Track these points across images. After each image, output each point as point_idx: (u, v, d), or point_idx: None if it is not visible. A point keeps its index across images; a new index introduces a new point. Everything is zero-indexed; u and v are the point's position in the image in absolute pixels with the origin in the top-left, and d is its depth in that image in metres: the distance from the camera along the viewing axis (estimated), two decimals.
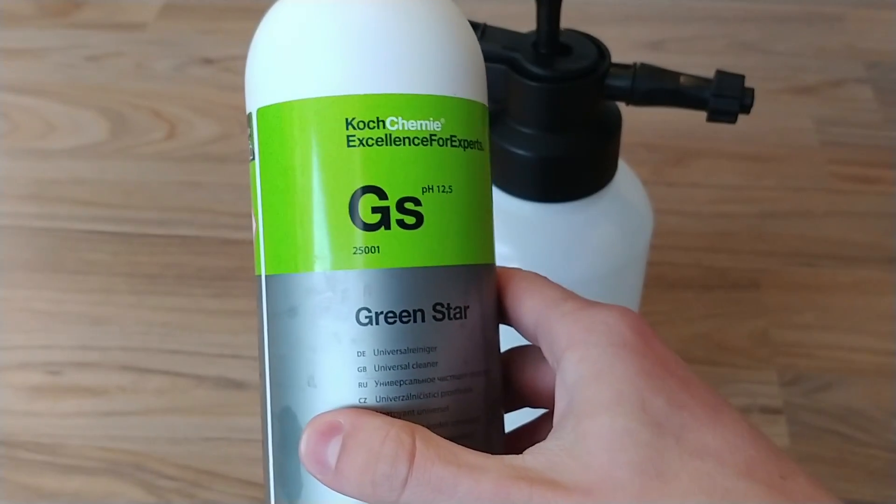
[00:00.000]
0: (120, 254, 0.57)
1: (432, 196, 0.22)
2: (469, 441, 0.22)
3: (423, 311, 0.22)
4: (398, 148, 0.22)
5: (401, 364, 0.22)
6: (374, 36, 0.22)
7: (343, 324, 0.22)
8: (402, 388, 0.22)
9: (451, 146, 0.23)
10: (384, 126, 0.22)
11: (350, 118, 0.22)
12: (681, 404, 0.21)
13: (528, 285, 0.25)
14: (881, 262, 0.55)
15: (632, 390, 0.21)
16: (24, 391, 0.49)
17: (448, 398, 0.22)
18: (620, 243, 0.38)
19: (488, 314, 0.24)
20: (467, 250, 0.23)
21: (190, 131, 0.65)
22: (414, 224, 0.22)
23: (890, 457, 0.45)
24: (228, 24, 0.75)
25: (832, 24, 0.74)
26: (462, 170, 0.23)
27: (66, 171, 0.63)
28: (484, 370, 0.23)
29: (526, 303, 0.24)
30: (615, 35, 0.53)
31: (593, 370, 0.22)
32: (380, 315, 0.22)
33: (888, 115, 0.65)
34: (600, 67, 0.34)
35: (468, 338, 0.23)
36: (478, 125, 0.24)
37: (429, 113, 0.22)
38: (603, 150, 0.36)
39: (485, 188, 0.24)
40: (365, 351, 0.22)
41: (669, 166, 0.62)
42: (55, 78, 0.70)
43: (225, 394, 0.49)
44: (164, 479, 0.45)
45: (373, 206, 0.22)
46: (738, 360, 0.50)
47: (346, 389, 0.22)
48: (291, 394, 0.23)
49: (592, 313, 0.23)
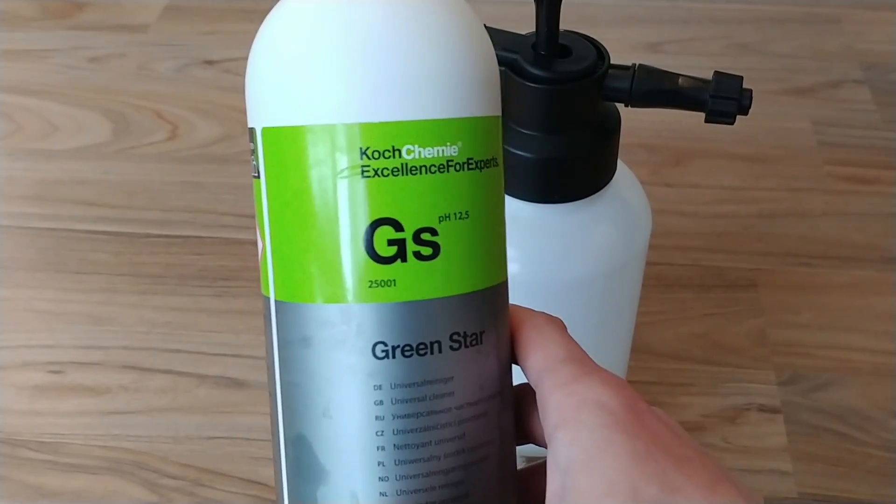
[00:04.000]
0: (122, 254, 0.57)
1: (449, 224, 0.21)
2: (484, 464, 0.22)
3: (440, 342, 0.22)
4: (414, 177, 0.21)
5: (418, 396, 0.21)
6: (391, 58, 0.21)
7: (359, 357, 0.21)
8: (419, 419, 0.21)
9: (468, 169, 0.22)
10: (400, 155, 0.21)
11: (364, 147, 0.21)
12: (675, 488, 0.21)
13: (537, 337, 0.24)
14: (879, 262, 0.55)
15: (623, 479, 0.21)
16: (26, 390, 0.50)
17: (465, 426, 0.22)
18: (619, 243, 0.38)
19: (501, 333, 0.23)
20: (484, 275, 0.22)
21: (192, 132, 0.66)
22: (430, 255, 0.21)
23: (887, 456, 0.46)
24: (230, 26, 0.76)
25: (829, 26, 0.74)
26: (479, 193, 0.22)
27: (68, 172, 0.63)
28: (499, 391, 0.23)
29: (529, 358, 0.24)
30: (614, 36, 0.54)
31: (584, 456, 0.21)
32: (396, 349, 0.21)
33: (885, 116, 0.66)
34: (599, 69, 0.35)
35: (484, 363, 0.22)
36: (494, 141, 0.23)
37: (446, 138, 0.21)
38: (602, 150, 0.36)
39: (500, 206, 0.23)
40: (381, 385, 0.21)
41: (668, 167, 0.62)
42: (58, 79, 0.71)
43: (227, 393, 0.49)
44: (166, 477, 0.46)
45: (389, 239, 0.21)
46: (737, 359, 0.50)
47: (362, 422, 0.22)
48: (306, 422, 0.22)
49: (585, 387, 0.22)
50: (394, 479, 0.21)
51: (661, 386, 0.49)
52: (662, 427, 0.22)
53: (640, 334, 0.47)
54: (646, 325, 0.51)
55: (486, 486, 0.23)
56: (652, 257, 0.45)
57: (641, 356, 0.50)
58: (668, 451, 0.21)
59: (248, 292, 0.54)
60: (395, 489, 0.21)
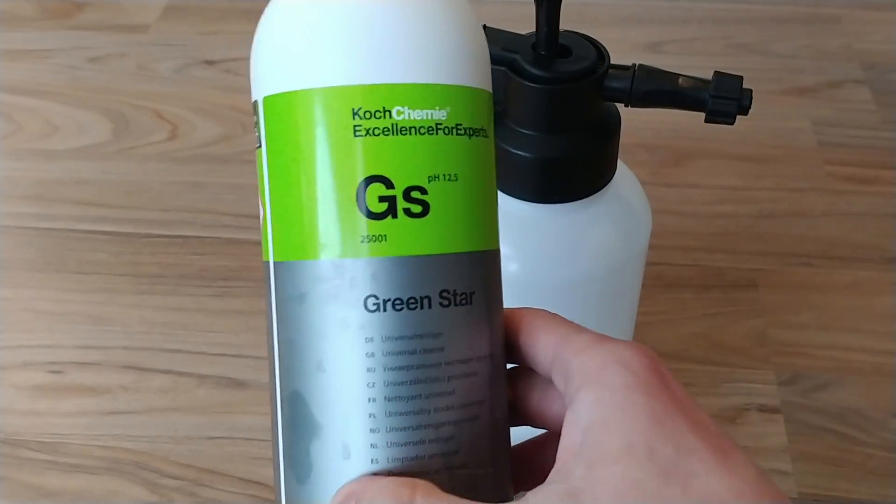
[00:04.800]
0: (122, 254, 0.57)
1: (438, 184, 0.22)
2: (475, 423, 0.23)
3: (430, 297, 0.22)
4: (404, 137, 0.22)
5: (408, 349, 0.22)
6: (381, 25, 0.22)
7: (351, 311, 0.22)
8: (409, 372, 0.22)
9: (457, 134, 0.23)
10: (390, 116, 0.22)
11: (356, 108, 0.22)
12: (690, 449, 0.21)
13: (542, 322, 0.25)
14: (879, 262, 0.55)
15: (641, 439, 0.21)
16: (26, 390, 0.50)
17: (454, 382, 0.23)
18: (619, 243, 0.38)
19: (493, 299, 0.24)
20: (473, 237, 0.23)
21: (192, 132, 0.66)
22: (420, 212, 0.22)
23: (887, 456, 0.46)
24: (230, 26, 0.76)
25: (829, 26, 0.74)
26: (467, 158, 0.23)
27: (68, 172, 0.63)
28: (489, 354, 0.24)
29: (541, 340, 0.25)
30: (614, 36, 0.54)
31: (605, 416, 0.22)
32: (387, 302, 0.22)
33: (885, 116, 0.66)
34: (599, 69, 0.35)
35: (474, 323, 0.23)
36: (483, 113, 0.24)
37: (435, 102, 0.23)
38: (602, 150, 0.36)
39: (490, 175, 0.24)
40: (373, 337, 0.22)
41: (668, 167, 0.62)
42: (58, 79, 0.71)
43: (227, 393, 0.49)
44: (166, 477, 0.46)
45: (380, 196, 0.22)
46: (737, 359, 0.50)
47: (354, 374, 0.22)
48: (301, 378, 0.23)
49: (607, 349, 0.23)
50: (384, 431, 0.22)
51: None
52: (680, 390, 0.23)
53: (640, 334, 0.47)
54: (646, 326, 0.51)
55: (477, 445, 0.23)
56: (652, 257, 0.45)
57: None
58: (686, 415, 0.22)
59: (249, 292, 0.54)
60: (386, 441, 0.22)
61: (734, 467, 0.22)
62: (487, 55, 0.25)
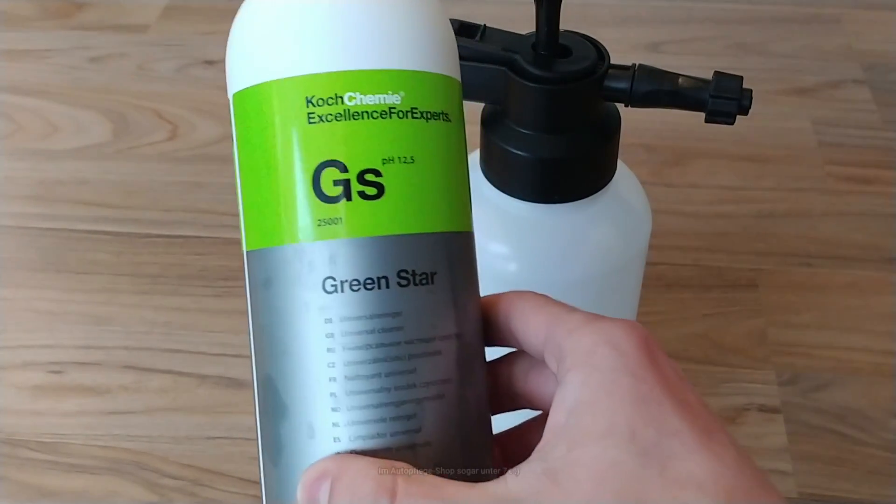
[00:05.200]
0: (122, 254, 0.57)
1: (393, 167, 0.23)
2: (439, 401, 0.23)
3: (388, 277, 0.23)
4: (357, 122, 0.23)
5: (366, 329, 0.22)
6: (329, 16, 0.23)
7: (311, 293, 0.23)
8: (368, 351, 0.22)
9: (413, 118, 0.23)
10: (342, 102, 0.22)
11: (310, 96, 0.23)
12: (672, 431, 0.21)
13: (532, 304, 0.25)
14: (879, 262, 0.55)
15: (624, 420, 0.21)
16: (26, 390, 0.50)
17: (415, 361, 0.23)
18: (619, 243, 0.38)
19: (459, 280, 0.24)
20: (432, 218, 0.23)
21: (192, 132, 0.66)
22: (375, 195, 0.23)
23: (887, 456, 0.46)
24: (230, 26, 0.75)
25: (830, 26, 0.74)
26: (425, 140, 0.23)
27: (68, 172, 0.63)
28: (455, 333, 0.23)
29: (531, 321, 0.25)
30: (614, 36, 0.54)
31: (591, 397, 0.22)
32: (344, 283, 0.22)
33: (886, 116, 0.66)
34: (599, 69, 0.35)
35: (436, 303, 0.23)
36: (443, 97, 0.24)
37: (387, 87, 0.23)
38: (602, 150, 0.36)
39: (453, 158, 0.24)
40: (332, 318, 0.22)
41: (668, 167, 0.62)
42: (58, 79, 0.71)
43: (227, 393, 0.49)
44: (167, 477, 0.46)
45: (334, 180, 0.22)
46: (737, 359, 0.50)
47: (315, 355, 0.22)
48: (270, 362, 0.23)
49: (598, 329, 0.23)
50: (345, 409, 0.22)
51: None
52: (669, 369, 0.23)
53: None
54: (646, 325, 0.51)
55: (442, 423, 0.23)
56: (652, 257, 0.45)
57: None
58: (672, 395, 0.22)
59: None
60: (348, 419, 0.22)
61: (716, 449, 0.22)
62: (450, 41, 0.25)
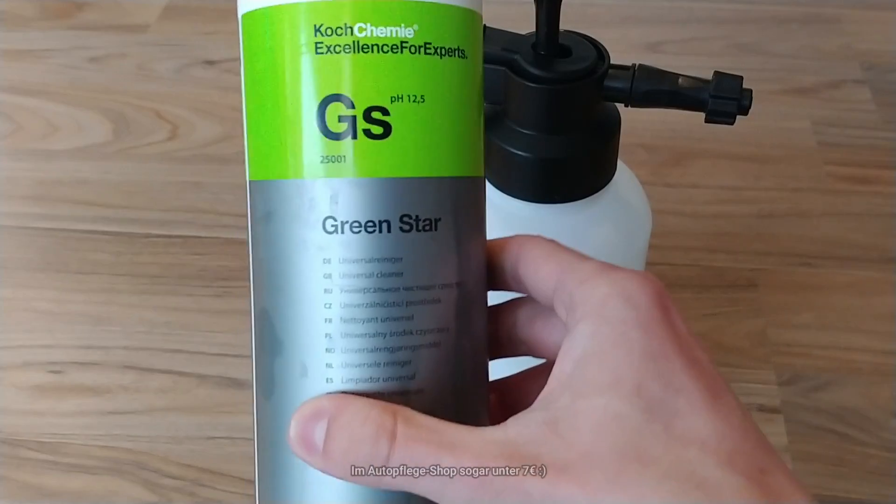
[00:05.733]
0: (122, 254, 0.57)
1: (402, 106, 0.22)
2: (435, 349, 0.22)
3: (390, 221, 0.22)
4: (366, 55, 0.22)
5: (365, 273, 0.22)
6: None
7: (310, 231, 0.22)
8: (365, 295, 0.22)
9: (425, 54, 0.22)
10: (352, 33, 0.21)
11: (318, 25, 0.22)
12: (678, 388, 0.21)
13: (542, 251, 0.24)
14: (879, 262, 0.55)
15: (631, 374, 0.21)
16: (26, 390, 0.50)
17: (413, 308, 0.22)
18: (619, 243, 0.38)
19: (465, 227, 0.23)
20: (440, 162, 0.23)
21: (192, 132, 0.66)
22: (381, 134, 0.22)
23: (887, 456, 0.46)
24: (230, 26, 0.75)
25: (829, 26, 0.74)
26: (437, 79, 0.22)
27: (68, 172, 0.63)
28: (456, 282, 0.23)
29: (542, 268, 0.24)
30: (614, 36, 0.54)
31: (599, 349, 0.22)
32: (345, 224, 0.22)
33: (885, 116, 0.66)
34: (599, 69, 0.35)
35: (438, 250, 0.23)
36: (461, 32, 0.23)
37: (400, 19, 0.22)
38: (602, 150, 0.36)
39: (466, 98, 0.23)
40: (331, 258, 0.22)
41: (668, 167, 0.62)
42: (58, 79, 0.71)
43: (227, 393, 0.49)
44: (166, 477, 0.46)
45: (340, 115, 0.22)
46: (736, 359, 0.50)
47: (311, 294, 0.22)
48: (266, 296, 0.23)
49: (612, 280, 0.23)
50: (339, 351, 0.22)
51: None
52: (682, 326, 0.23)
53: None
54: None
55: (437, 372, 0.23)
56: (652, 257, 0.45)
57: None
58: (681, 352, 0.22)
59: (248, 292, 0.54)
60: (341, 361, 0.22)
61: (722, 410, 0.21)
62: None
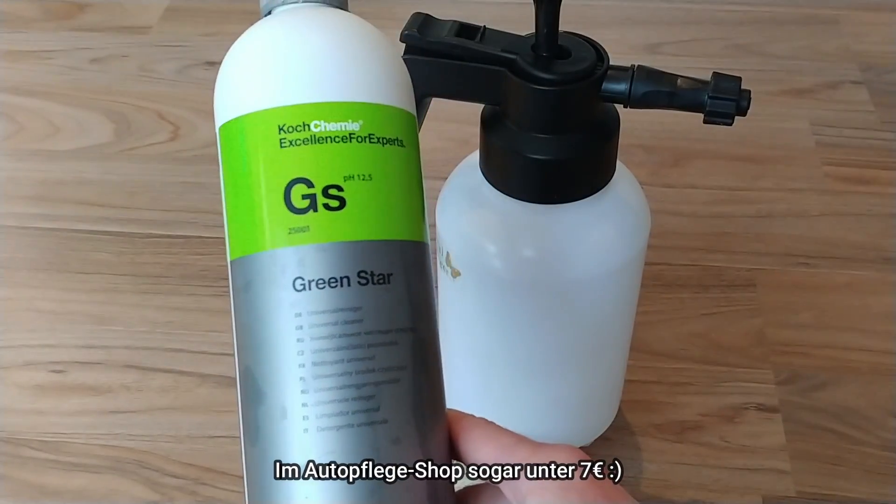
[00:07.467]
0: (124, 254, 0.57)
1: (353, 183, 0.26)
2: (396, 385, 0.26)
3: (349, 277, 0.26)
4: (322, 145, 0.26)
5: (331, 321, 0.26)
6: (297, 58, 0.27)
7: (283, 291, 0.26)
8: (332, 341, 0.26)
9: (370, 142, 0.27)
10: (309, 129, 0.26)
11: (281, 125, 0.26)
12: None
13: (482, 432, 0.27)
14: (876, 261, 0.56)
15: None
16: (28, 389, 0.50)
17: (374, 349, 0.26)
18: (619, 244, 0.38)
19: (414, 282, 0.27)
20: (388, 227, 0.27)
21: (193, 133, 0.66)
22: (338, 206, 0.26)
23: (885, 455, 0.46)
24: (231, 27, 0.76)
25: (828, 27, 0.74)
26: (381, 161, 0.27)
27: (70, 173, 0.63)
28: (410, 328, 0.27)
29: (482, 449, 0.27)
30: (613, 38, 0.54)
31: None
32: (311, 282, 0.26)
33: (883, 117, 0.66)
34: (598, 70, 0.35)
35: (392, 300, 0.27)
36: (397, 126, 0.28)
37: (347, 116, 0.27)
38: (601, 151, 0.36)
39: (406, 177, 0.28)
40: (301, 312, 0.26)
41: (667, 167, 0.62)
42: (60, 80, 0.71)
43: (228, 392, 0.49)
44: (168, 476, 0.46)
45: (303, 194, 0.26)
46: (735, 359, 0.51)
47: (287, 345, 0.26)
48: (249, 354, 0.27)
49: (546, 455, 0.26)
50: (313, 391, 0.25)
51: (659, 385, 0.50)
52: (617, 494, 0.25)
53: (639, 334, 0.47)
54: (645, 325, 0.52)
55: (399, 404, 0.26)
56: (651, 257, 0.46)
57: (640, 356, 0.50)
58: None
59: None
60: (315, 400, 0.25)
61: None
62: (404, 81, 0.29)
